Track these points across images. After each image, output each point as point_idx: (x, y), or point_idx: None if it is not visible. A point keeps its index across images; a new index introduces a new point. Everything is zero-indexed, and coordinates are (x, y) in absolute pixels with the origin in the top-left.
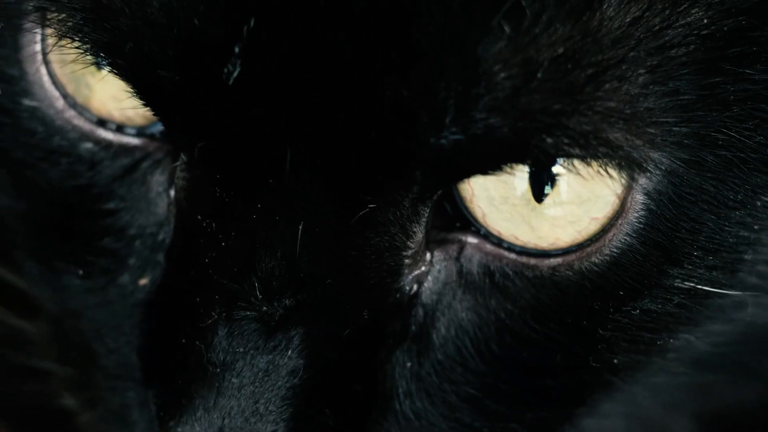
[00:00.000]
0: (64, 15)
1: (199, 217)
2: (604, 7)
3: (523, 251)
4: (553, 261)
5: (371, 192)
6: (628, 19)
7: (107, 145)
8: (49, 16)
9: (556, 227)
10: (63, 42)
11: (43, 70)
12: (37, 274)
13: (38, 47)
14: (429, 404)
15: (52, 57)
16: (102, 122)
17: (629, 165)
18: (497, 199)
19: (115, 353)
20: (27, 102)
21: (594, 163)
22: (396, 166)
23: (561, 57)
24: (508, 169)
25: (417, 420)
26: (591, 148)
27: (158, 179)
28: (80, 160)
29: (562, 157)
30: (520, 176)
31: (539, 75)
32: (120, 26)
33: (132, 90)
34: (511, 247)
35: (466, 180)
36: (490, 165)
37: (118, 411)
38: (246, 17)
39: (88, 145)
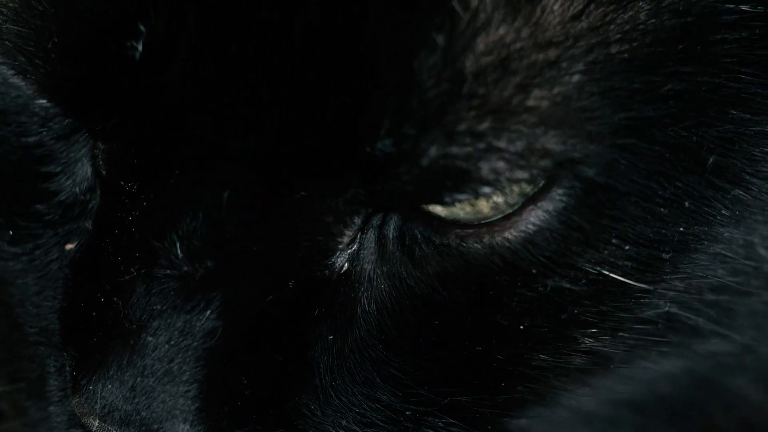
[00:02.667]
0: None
1: (121, 182)
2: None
3: (435, 217)
4: (465, 231)
5: (302, 184)
6: (569, 14)
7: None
8: None
9: (497, 209)
10: None
11: None
12: None
13: None
14: (350, 382)
15: None
16: None
17: (568, 163)
18: None
19: (37, 319)
20: None
21: (538, 179)
22: (328, 167)
23: (491, 64)
24: (447, 198)
25: (337, 397)
26: (530, 165)
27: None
28: (33, 116)
29: (504, 182)
30: None
31: (466, 88)
32: (48, 25)
33: (47, 91)
34: (420, 214)
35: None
36: (427, 192)
37: (36, 382)
38: None
39: (43, 101)
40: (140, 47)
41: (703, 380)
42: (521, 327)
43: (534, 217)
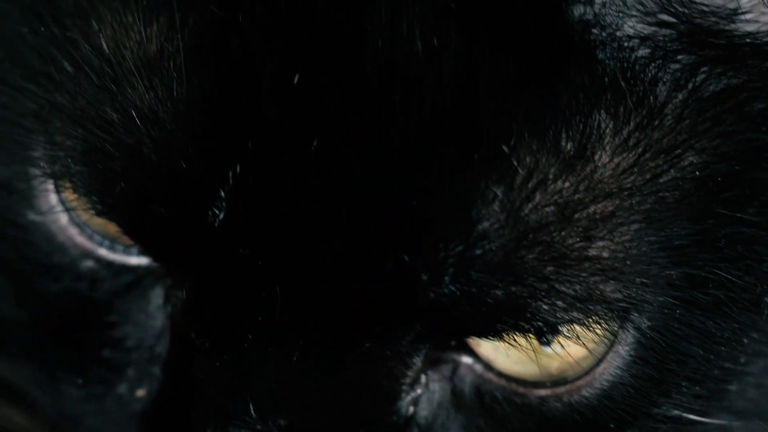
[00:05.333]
0: (58, 153)
1: (192, 334)
2: (598, 155)
3: (513, 378)
4: (543, 391)
5: (368, 337)
6: (621, 168)
7: (108, 263)
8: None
9: (566, 365)
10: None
11: (51, 185)
12: (36, 379)
13: (47, 166)
14: None
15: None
16: (104, 242)
17: (625, 312)
18: (502, 346)
19: None
20: (32, 216)
21: (595, 326)
22: (394, 319)
23: (552, 215)
24: (508, 338)
25: None
26: (588, 310)
27: (158, 293)
28: (81, 278)
29: (561, 323)
30: None
31: (530, 237)
32: (113, 168)
33: (122, 230)
34: (501, 373)
35: (466, 339)
36: (489, 327)
37: None
38: (232, 163)
39: (89, 263)
40: (221, 215)
41: None
42: None
43: (606, 374)
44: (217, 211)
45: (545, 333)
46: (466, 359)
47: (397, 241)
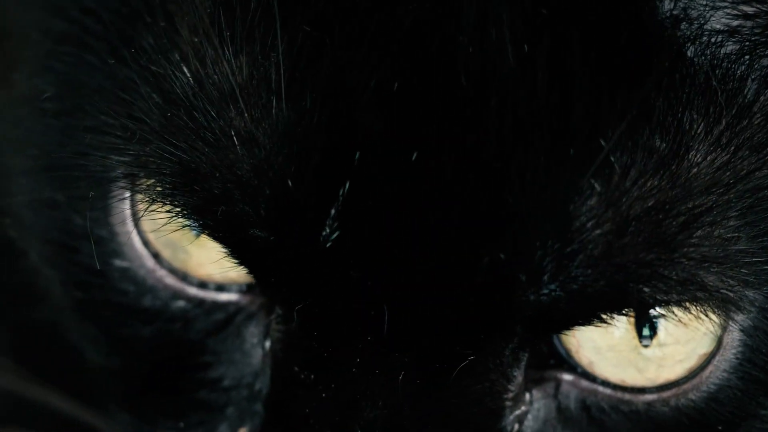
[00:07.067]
0: (153, 180)
1: (296, 368)
2: (692, 154)
3: (618, 386)
4: (649, 396)
5: (471, 346)
6: (716, 165)
7: (200, 302)
8: (138, 182)
9: (664, 367)
10: (153, 207)
11: (134, 230)
12: (135, 427)
13: (128, 209)
14: None
15: (145, 225)
16: (194, 280)
17: (726, 305)
18: (603, 347)
19: None
20: (118, 263)
21: (692, 308)
22: (495, 324)
23: (652, 208)
24: (608, 319)
25: None
26: (688, 293)
27: (253, 331)
28: (172, 319)
29: (660, 305)
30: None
31: (631, 228)
32: (210, 189)
33: (226, 251)
34: (605, 382)
35: (566, 332)
36: (589, 316)
37: None
38: (341, 179)
39: (180, 303)
40: (334, 235)
41: None
42: None
43: (713, 377)
44: (328, 231)
45: (647, 309)
46: (567, 376)
47: (493, 242)
